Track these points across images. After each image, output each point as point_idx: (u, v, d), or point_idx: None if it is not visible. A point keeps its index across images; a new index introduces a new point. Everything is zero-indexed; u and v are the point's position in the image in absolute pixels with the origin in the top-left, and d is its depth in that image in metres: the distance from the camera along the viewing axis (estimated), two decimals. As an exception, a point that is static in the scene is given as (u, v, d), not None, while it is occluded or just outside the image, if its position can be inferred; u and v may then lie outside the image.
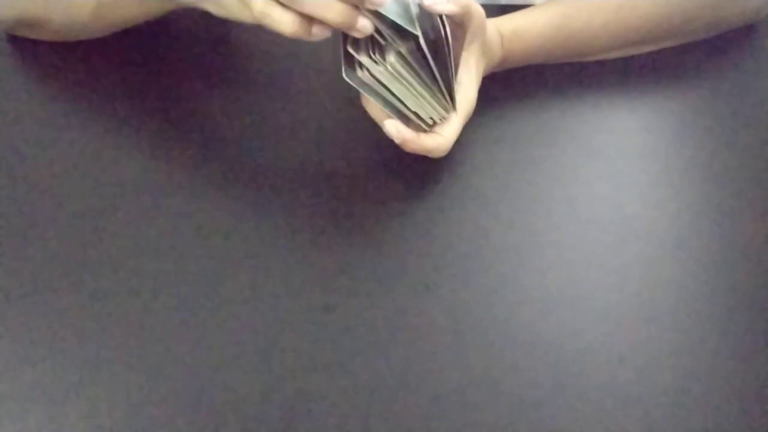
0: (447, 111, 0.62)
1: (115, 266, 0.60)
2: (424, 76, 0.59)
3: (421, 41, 0.57)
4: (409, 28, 0.56)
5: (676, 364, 0.55)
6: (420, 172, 0.66)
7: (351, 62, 0.60)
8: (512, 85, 0.72)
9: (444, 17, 0.60)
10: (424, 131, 0.62)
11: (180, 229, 0.62)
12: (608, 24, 0.71)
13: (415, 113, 0.60)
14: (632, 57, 0.75)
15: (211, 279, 0.59)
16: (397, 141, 0.61)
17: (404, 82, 0.59)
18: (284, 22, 0.54)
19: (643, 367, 0.54)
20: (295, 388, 0.53)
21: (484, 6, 0.65)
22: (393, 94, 0.59)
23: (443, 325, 0.56)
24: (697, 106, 0.72)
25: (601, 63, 0.74)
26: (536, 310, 0.57)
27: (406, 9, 0.58)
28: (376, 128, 0.62)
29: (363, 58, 0.58)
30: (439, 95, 0.60)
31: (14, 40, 0.76)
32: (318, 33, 0.54)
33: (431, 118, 0.61)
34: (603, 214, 0.63)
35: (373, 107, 0.61)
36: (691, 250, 0.61)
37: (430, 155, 0.62)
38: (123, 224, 0.62)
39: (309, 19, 0.54)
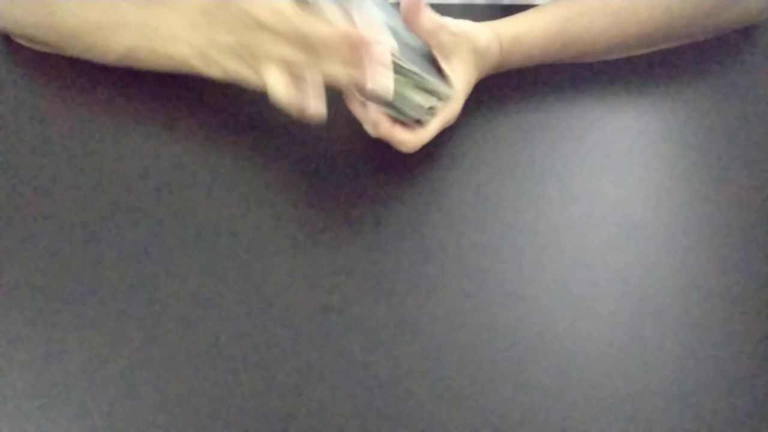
0: (442, 90, 0.62)
1: (115, 266, 0.60)
2: (410, 56, 0.61)
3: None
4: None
5: (676, 364, 0.55)
6: (420, 173, 0.66)
7: None
8: (512, 85, 0.72)
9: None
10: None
11: (180, 229, 0.62)
12: (608, 29, 0.71)
13: (417, 103, 0.60)
14: (632, 57, 0.75)
15: (211, 278, 0.59)
16: (370, 124, 0.61)
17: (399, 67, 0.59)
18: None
19: (643, 367, 0.55)
20: (294, 388, 0.53)
21: (486, 6, 0.65)
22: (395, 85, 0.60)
23: (443, 325, 0.57)
24: (697, 106, 0.72)
25: (601, 63, 0.74)
26: (536, 309, 0.57)
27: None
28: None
29: None
30: (428, 75, 0.61)
31: (14, 40, 0.76)
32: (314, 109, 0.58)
33: (431, 107, 0.61)
34: (603, 213, 0.63)
35: (357, 107, 0.62)
36: (692, 250, 0.61)
37: (397, 147, 0.62)
38: (123, 224, 0.62)
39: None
